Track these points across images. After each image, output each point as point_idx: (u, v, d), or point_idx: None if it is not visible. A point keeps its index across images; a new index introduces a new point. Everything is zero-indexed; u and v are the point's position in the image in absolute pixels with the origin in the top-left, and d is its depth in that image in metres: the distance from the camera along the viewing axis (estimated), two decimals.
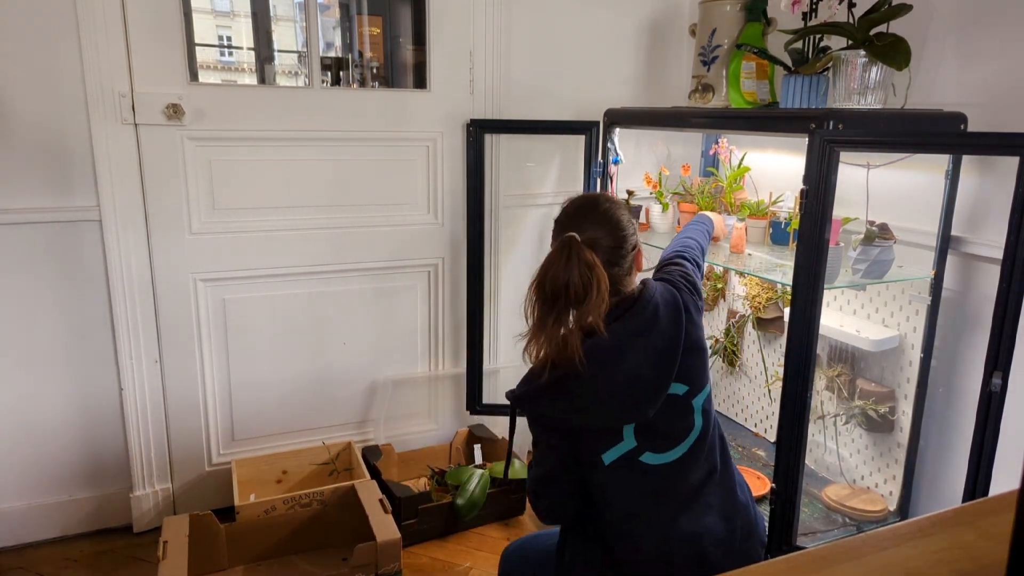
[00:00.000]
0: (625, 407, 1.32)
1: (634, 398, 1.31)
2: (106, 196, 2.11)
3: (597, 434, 1.34)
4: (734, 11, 2.14)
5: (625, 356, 1.31)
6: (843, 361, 2.18)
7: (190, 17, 2.21)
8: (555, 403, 1.33)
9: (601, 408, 1.32)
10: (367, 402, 2.61)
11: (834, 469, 2.23)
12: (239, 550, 2.13)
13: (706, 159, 2.66)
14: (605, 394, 1.30)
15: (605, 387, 1.30)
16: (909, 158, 1.93)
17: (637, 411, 1.32)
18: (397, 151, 2.45)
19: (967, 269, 1.90)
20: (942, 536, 0.78)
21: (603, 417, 1.33)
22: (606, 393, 1.30)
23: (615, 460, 1.34)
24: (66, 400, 2.22)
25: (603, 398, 1.31)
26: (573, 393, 1.31)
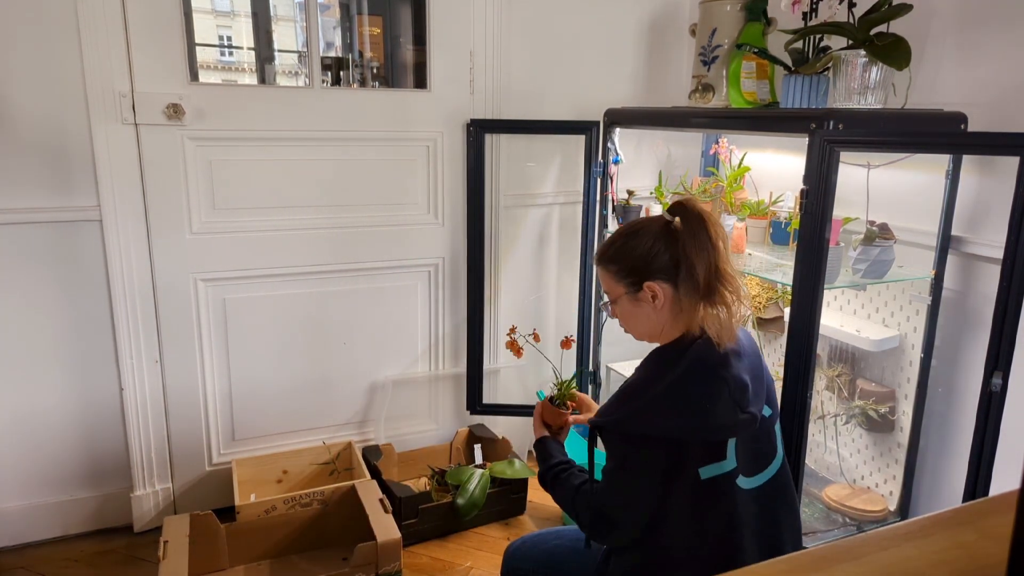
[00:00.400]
0: (734, 414, 1.26)
1: (742, 405, 1.26)
2: (106, 196, 2.11)
3: (705, 448, 1.27)
4: (734, 11, 2.14)
5: (730, 363, 1.28)
6: (843, 361, 2.18)
7: (190, 17, 2.21)
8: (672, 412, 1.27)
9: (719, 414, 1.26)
10: (367, 402, 2.61)
11: (834, 469, 2.23)
12: (239, 550, 2.13)
13: (706, 159, 2.66)
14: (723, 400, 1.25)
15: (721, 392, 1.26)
16: (909, 158, 1.93)
17: (745, 421, 1.26)
18: (397, 151, 2.45)
19: (967, 269, 1.90)
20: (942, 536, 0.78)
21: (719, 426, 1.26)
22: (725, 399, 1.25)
23: (711, 477, 1.27)
24: (66, 400, 2.22)
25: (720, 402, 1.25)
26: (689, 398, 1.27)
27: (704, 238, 1.30)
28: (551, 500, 2.01)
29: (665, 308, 1.34)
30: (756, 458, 1.34)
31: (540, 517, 2.49)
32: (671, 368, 1.30)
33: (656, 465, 1.28)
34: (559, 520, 2.46)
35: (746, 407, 1.26)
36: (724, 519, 1.31)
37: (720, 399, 1.25)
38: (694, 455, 1.27)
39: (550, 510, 2.52)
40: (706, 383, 1.27)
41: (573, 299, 2.68)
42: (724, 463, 1.28)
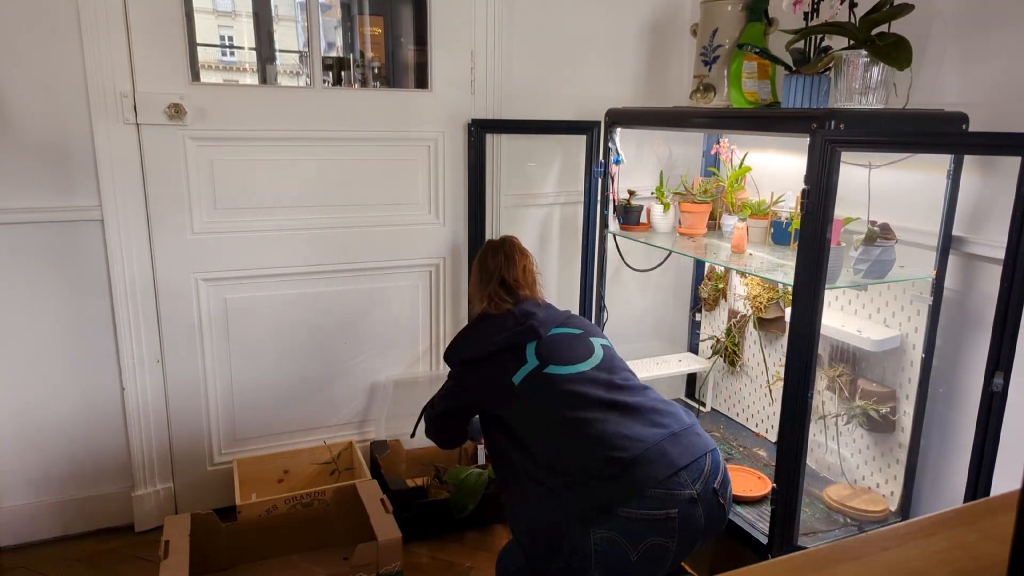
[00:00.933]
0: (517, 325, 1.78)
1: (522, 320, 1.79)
2: (108, 196, 2.11)
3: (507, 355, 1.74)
4: (735, 11, 2.14)
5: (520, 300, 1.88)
6: (844, 361, 2.18)
7: (192, 17, 2.21)
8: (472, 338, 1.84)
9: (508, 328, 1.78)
10: (368, 402, 2.61)
11: (835, 469, 2.23)
12: (240, 549, 2.13)
13: (707, 159, 2.66)
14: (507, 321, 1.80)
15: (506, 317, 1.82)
16: (910, 158, 1.93)
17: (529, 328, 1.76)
18: (398, 151, 2.45)
19: (968, 269, 1.90)
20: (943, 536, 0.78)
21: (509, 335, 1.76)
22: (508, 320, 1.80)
23: (524, 378, 1.70)
24: (68, 400, 2.22)
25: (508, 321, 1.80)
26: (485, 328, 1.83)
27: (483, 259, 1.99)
28: None
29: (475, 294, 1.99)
30: (567, 353, 1.74)
31: None
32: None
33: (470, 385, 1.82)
34: None
35: (527, 322, 1.77)
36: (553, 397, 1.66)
37: (506, 319, 1.81)
38: (500, 363, 1.74)
39: None
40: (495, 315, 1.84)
41: (574, 299, 2.68)
42: (527, 365, 1.72)
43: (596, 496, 1.51)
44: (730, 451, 2.45)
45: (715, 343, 2.73)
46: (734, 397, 2.69)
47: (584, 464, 1.56)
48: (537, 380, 1.69)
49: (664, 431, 1.59)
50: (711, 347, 2.76)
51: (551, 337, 1.77)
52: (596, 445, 1.56)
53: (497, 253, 1.97)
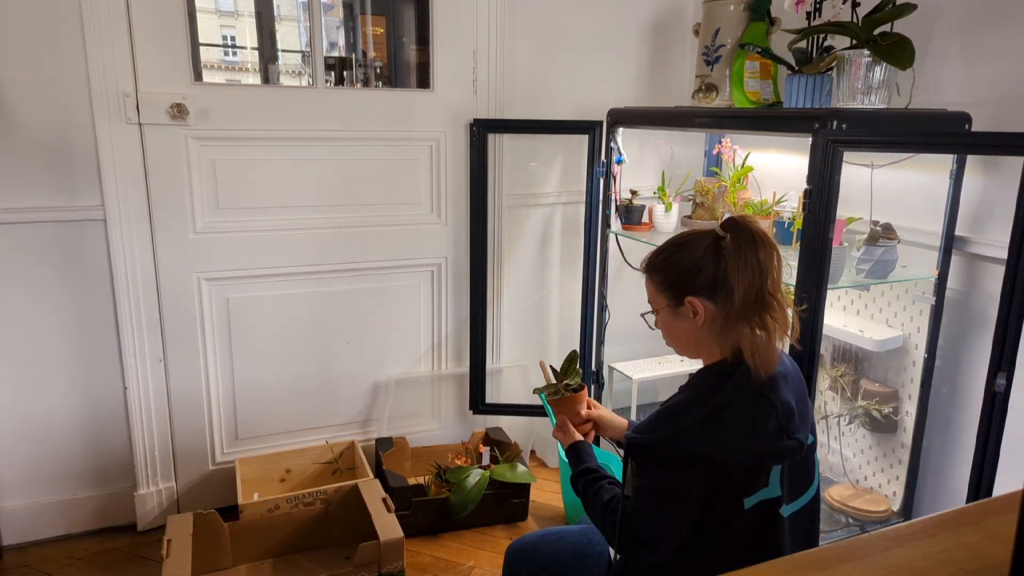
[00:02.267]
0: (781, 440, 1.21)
1: (789, 431, 1.21)
2: (110, 195, 2.12)
3: (748, 474, 1.22)
4: (738, 11, 2.14)
5: (777, 387, 1.23)
6: (847, 361, 2.17)
7: (194, 17, 2.22)
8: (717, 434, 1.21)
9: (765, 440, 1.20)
10: (370, 401, 2.61)
11: (837, 469, 2.23)
12: (243, 549, 2.14)
13: (710, 159, 2.66)
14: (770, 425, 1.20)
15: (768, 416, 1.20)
16: (913, 158, 1.93)
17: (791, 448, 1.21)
18: (400, 151, 2.45)
19: (971, 269, 1.89)
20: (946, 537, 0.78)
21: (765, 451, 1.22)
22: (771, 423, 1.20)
23: (755, 505, 1.23)
24: (70, 399, 2.23)
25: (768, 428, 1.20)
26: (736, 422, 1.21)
27: (751, 259, 1.23)
28: (554, 502, 2.00)
29: (705, 326, 1.30)
30: (796, 485, 1.29)
31: (543, 517, 2.49)
32: (717, 388, 1.25)
33: (695, 489, 1.22)
34: (562, 520, 2.46)
35: (793, 433, 1.21)
36: (763, 548, 1.26)
37: (768, 423, 1.20)
38: (736, 481, 1.22)
39: (553, 510, 2.52)
40: (754, 406, 1.22)
41: (576, 299, 2.68)
42: (768, 490, 1.23)
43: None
44: None
45: None
46: None
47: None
48: (767, 516, 1.24)
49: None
50: None
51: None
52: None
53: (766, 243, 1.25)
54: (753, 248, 1.24)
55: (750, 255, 1.23)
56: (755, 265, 1.23)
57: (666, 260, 1.37)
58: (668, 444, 1.23)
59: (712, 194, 2.49)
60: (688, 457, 1.22)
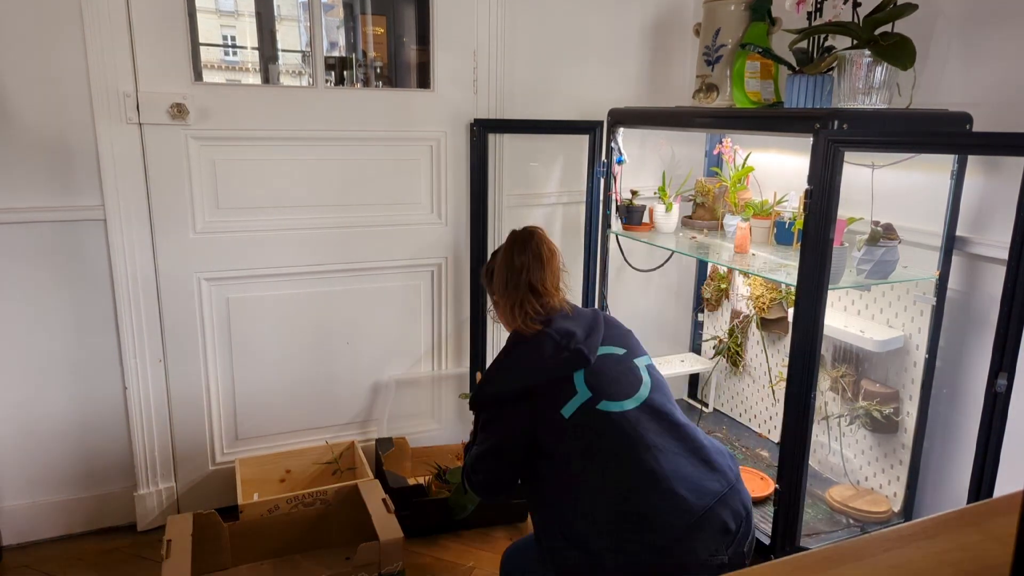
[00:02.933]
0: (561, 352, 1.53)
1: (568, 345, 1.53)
2: (110, 195, 2.12)
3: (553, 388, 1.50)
4: (738, 11, 2.13)
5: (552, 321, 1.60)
6: (847, 362, 2.17)
7: (194, 17, 2.22)
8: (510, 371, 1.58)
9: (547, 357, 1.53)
10: (370, 401, 2.61)
11: (838, 470, 2.22)
12: (243, 549, 2.13)
13: (710, 159, 2.66)
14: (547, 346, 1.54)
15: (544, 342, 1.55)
16: (914, 158, 1.93)
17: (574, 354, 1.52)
18: (401, 151, 2.45)
19: (972, 269, 1.89)
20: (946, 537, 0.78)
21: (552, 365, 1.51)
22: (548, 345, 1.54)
23: (575, 411, 1.48)
24: (70, 399, 2.23)
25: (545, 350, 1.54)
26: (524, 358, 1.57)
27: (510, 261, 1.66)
28: None
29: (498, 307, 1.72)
30: (617, 386, 1.53)
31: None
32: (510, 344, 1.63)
33: (514, 420, 1.52)
34: None
35: (571, 346, 1.52)
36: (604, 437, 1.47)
37: (546, 345, 1.54)
38: (546, 396, 1.50)
39: None
40: (532, 339, 1.57)
41: (576, 299, 2.68)
42: (578, 396, 1.49)
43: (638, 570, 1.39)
44: (733, 452, 2.45)
45: (718, 343, 2.72)
46: (737, 398, 2.69)
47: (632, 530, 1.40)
48: (590, 415, 1.48)
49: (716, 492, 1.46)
50: (714, 347, 2.75)
51: (599, 360, 1.54)
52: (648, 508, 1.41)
53: (524, 250, 1.67)
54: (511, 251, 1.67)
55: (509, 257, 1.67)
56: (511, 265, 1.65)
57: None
58: (482, 393, 1.58)
59: (713, 194, 2.49)
60: (498, 397, 1.55)
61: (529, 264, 1.66)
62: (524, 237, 1.70)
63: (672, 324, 2.96)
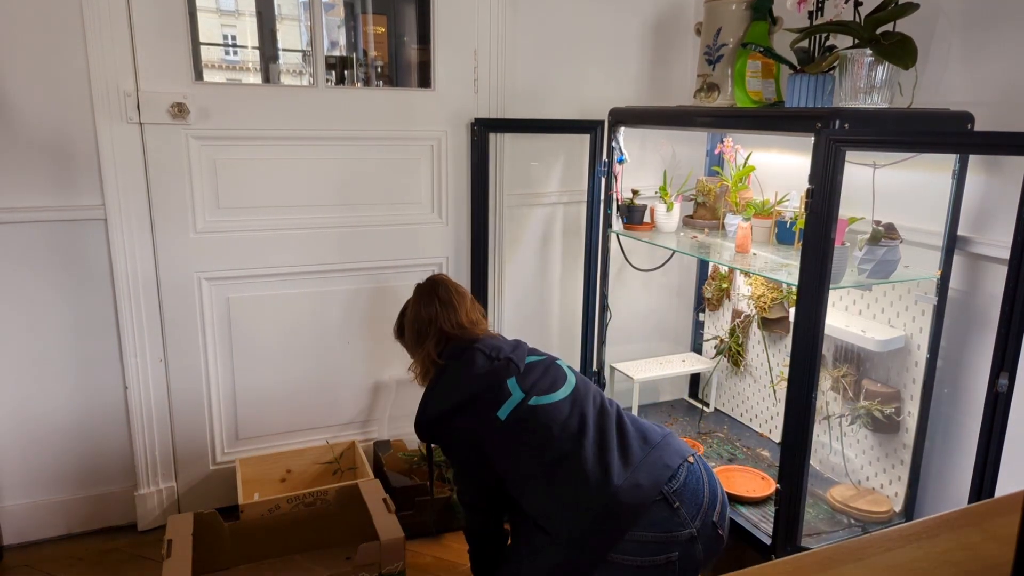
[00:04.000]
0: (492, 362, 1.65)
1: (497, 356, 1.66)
2: (111, 195, 2.12)
3: (489, 395, 1.61)
4: (740, 10, 2.13)
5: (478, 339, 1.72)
6: (848, 361, 2.17)
7: (195, 16, 2.22)
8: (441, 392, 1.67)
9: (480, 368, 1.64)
10: (371, 401, 2.61)
11: (839, 470, 2.22)
12: (243, 549, 2.13)
13: (711, 158, 2.65)
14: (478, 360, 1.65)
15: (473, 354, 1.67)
16: (915, 157, 1.92)
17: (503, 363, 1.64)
18: (401, 150, 2.45)
19: (973, 269, 1.89)
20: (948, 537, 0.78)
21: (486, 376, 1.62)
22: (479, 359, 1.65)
23: (510, 412, 1.59)
24: (71, 399, 2.23)
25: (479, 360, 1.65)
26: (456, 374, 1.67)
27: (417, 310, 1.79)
28: None
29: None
30: (546, 385, 1.63)
31: None
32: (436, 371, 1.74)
33: (462, 437, 1.64)
34: None
35: (500, 356, 1.65)
36: (540, 431, 1.56)
37: (476, 359, 1.65)
38: (482, 402, 1.60)
39: None
40: (461, 355, 1.67)
41: (577, 299, 2.68)
42: (512, 398, 1.60)
43: (591, 546, 1.48)
44: (734, 451, 2.45)
45: (719, 343, 2.72)
46: (738, 397, 2.69)
47: (579, 511, 1.50)
48: (524, 413, 1.58)
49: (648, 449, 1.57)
50: (715, 347, 2.75)
51: (528, 366, 1.66)
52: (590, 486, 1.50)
53: (430, 301, 1.77)
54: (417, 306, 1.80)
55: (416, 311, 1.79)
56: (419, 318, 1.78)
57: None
58: (422, 418, 1.68)
59: (714, 194, 2.49)
60: (439, 418, 1.64)
61: (437, 313, 1.75)
62: (427, 289, 1.80)
63: (673, 324, 2.96)
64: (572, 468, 1.52)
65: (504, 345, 1.70)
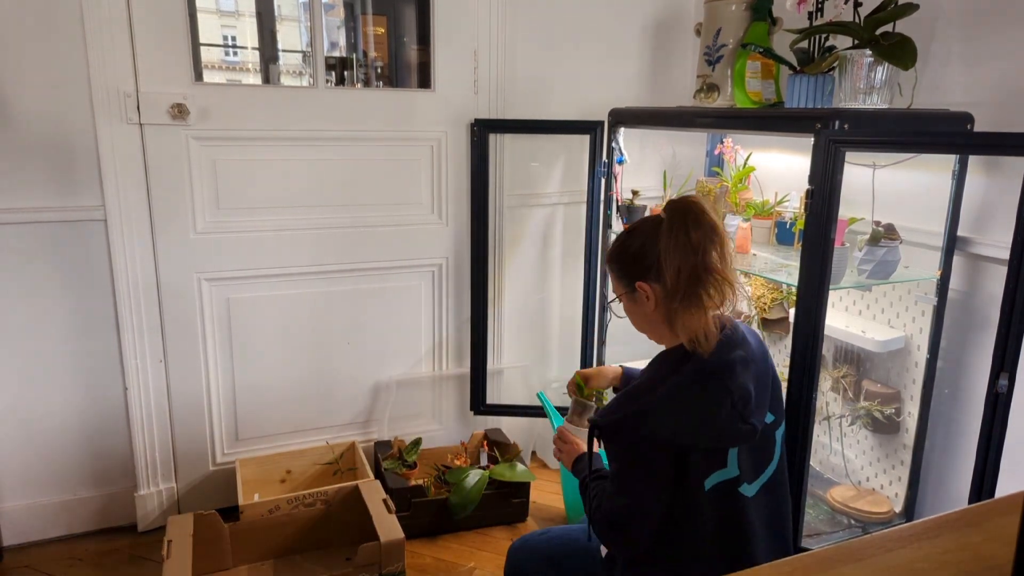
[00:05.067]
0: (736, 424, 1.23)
1: (744, 416, 1.23)
2: (111, 196, 2.12)
3: (705, 456, 1.25)
4: (739, 10, 2.13)
5: (735, 372, 1.25)
6: (848, 362, 2.17)
7: (195, 17, 2.21)
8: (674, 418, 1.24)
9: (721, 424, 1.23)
10: (371, 402, 2.61)
11: (839, 470, 2.22)
12: (243, 550, 2.13)
13: (711, 159, 2.65)
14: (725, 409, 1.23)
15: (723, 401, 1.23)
16: (915, 158, 1.92)
17: (746, 432, 1.24)
18: (401, 151, 2.45)
19: (973, 269, 1.89)
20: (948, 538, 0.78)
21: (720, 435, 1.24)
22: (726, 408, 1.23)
23: (715, 486, 1.26)
24: (71, 399, 2.23)
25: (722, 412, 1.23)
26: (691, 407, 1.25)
27: (682, 239, 1.25)
28: (554, 503, 1.93)
29: (657, 309, 1.32)
30: (756, 465, 1.33)
31: (543, 518, 2.48)
32: (674, 372, 1.28)
33: (660, 468, 1.25)
34: (562, 521, 2.46)
35: (748, 418, 1.23)
36: (731, 527, 1.29)
37: (722, 408, 1.23)
38: (694, 463, 1.25)
39: (553, 510, 2.52)
40: (709, 391, 1.24)
41: (577, 299, 2.68)
42: (726, 471, 1.27)
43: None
44: None
45: None
46: None
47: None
48: (727, 495, 1.28)
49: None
50: None
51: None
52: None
53: (700, 222, 1.26)
54: (684, 228, 1.25)
55: (681, 235, 1.25)
56: (687, 245, 1.25)
57: (618, 249, 1.40)
58: (628, 425, 1.25)
59: (714, 194, 2.48)
60: (648, 439, 1.24)
61: (706, 242, 1.25)
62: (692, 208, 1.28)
63: None
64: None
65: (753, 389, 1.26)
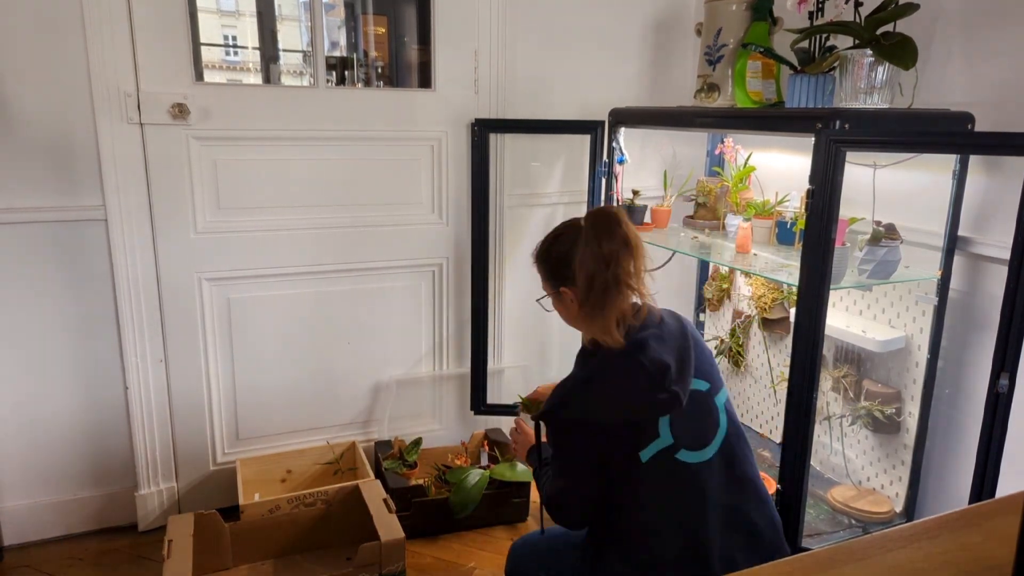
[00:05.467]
0: (653, 395, 1.31)
1: (663, 385, 1.30)
2: (111, 195, 2.12)
3: (635, 428, 1.34)
4: (740, 10, 2.13)
5: (647, 346, 1.34)
6: (849, 362, 2.17)
7: (195, 16, 2.22)
8: (592, 397, 1.35)
9: (637, 396, 1.32)
10: (371, 402, 2.61)
11: (840, 470, 2.22)
12: (243, 549, 2.14)
13: (712, 159, 2.65)
14: (640, 382, 1.31)
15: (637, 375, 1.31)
16: (916, 158, 1.92)
17: (665, 400, 1.31)
18: (402, 151, 2.45)
19: (974, 269, 1.89)
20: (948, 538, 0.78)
21: (639, 407, 1.33)
22: (641, 381, 1.31)
23: (652, 456, 1.34)
24: (71, 399, 2.23)
25: (637, 387, 1.32)
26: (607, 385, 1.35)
27: (595, 248, 1.35)
28: None
29: (582, 309, 1.41)
30: (698, 433, 1.38)
31: (543, 517, 2.48)
32: (591, 358, 1.40)
33: (588, 447, 1.36)
34: None
35: (668, 386, 1.30)
36: (679, 496, 1.36)
37: (637, 381, 1.31)
38: (625, 437, 1.34)
39: None
40: (622, 367, 1.34)
41: None
42: (660, 440, 1.34)
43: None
44: None
45: (719, 344, 2.72)
46: (738, 398, 2.68)
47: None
48: (666, 464, 1.34)
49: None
50: (715, 347, 2.75)
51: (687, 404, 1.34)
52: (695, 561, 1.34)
53: (613, 235, 1.35)
54: (598, 240, 1.35)
55: (594, 246, 1.35)
56: (599, 256, 1.34)
57: (544, 252, 1.49)
58: (557, 412, 1.37)
59: (714, 194, 2.49)
60: (574, 423, 1.36)
61: (618, 253, 1.34)
62: (608, 220, 1.37)
63: None
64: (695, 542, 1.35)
65: (671, 361, 1.33)
